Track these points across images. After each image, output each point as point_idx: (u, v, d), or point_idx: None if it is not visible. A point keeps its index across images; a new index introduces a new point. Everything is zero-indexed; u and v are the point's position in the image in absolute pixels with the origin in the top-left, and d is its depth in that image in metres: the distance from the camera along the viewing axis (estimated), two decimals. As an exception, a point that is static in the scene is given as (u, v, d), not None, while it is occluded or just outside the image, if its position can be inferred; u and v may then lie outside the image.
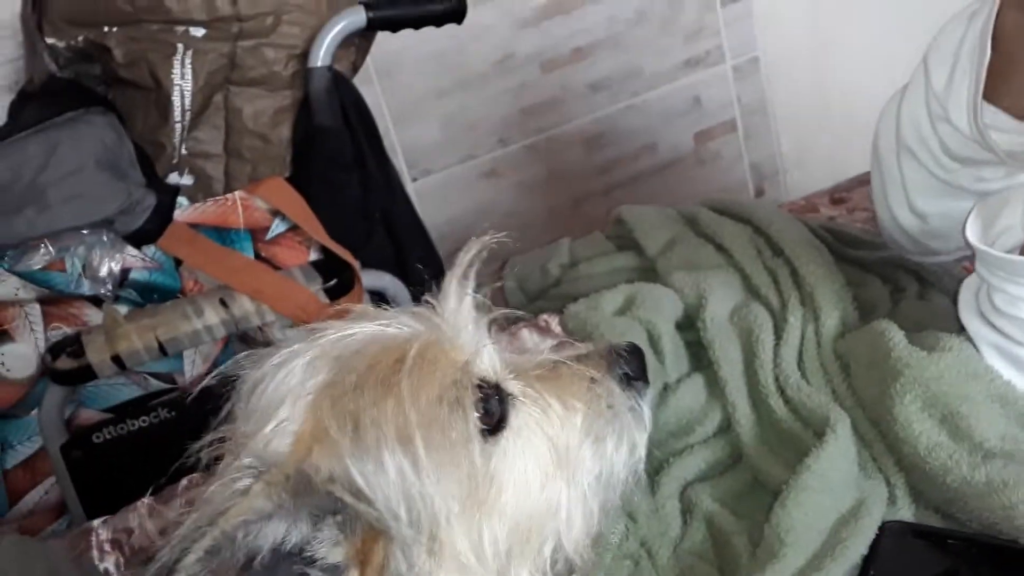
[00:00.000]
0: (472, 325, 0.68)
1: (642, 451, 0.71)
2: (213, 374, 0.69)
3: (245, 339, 1.39)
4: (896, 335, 0.83)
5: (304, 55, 1.34)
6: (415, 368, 0.62)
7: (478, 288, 0.73)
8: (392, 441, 0.59)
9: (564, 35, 1.99)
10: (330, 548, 0.57)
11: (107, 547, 1.15)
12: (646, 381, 0.74)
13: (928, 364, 0.79)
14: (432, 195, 2.01)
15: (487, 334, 0.69)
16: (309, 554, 0.56)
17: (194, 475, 1.01)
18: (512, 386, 0.68)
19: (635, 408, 0.72)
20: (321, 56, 1.32)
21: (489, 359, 0.67)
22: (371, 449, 0.59)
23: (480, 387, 0.64)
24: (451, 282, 0.69)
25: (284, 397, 0.63)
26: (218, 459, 0.64)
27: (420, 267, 0.71)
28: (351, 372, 0.62)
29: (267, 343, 0.96)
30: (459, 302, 0.69)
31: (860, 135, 1.95)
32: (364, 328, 0.66)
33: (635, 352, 0.74)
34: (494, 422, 0.64)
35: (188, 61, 1.32)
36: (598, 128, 2.09)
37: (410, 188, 1.99)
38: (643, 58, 2.07)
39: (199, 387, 0.71)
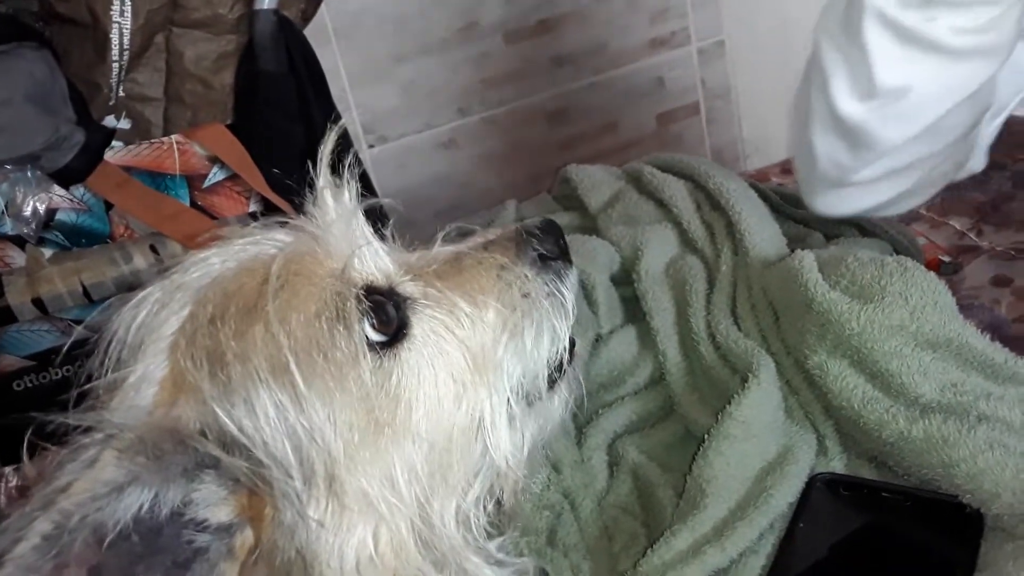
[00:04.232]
0: (343, 224, 0.59)
1: (565, 340, 0.64)
2: (83, 325, 0.62)
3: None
4: (810, 275, 0.79)
5: (250, -2, 1.30)
6: (283, 286, 0.54)
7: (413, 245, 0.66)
8: (264, 374, 0.52)
9: (529, 6, 1.96)
10: (214, 507, 0.49)
11: (15, 493, 1.11)
12: (567, 260, 0.66)
13: (849, 319, 0.75)
14: (388, 163, 1.97)
15: (367, 231, 0.61)
16: (190, 517, 0.48)
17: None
18: (409, 288, 0.60)
19: (554, 293, 0.64)
20: (267, -2, 1.27)
21: (375, 261, 0.60)
22: (238, 388, 0.52)
23: (369, 295, 0.57)
24: (320, 182, 0.60)
25: (141, 342, 0.55)
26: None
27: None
28: (207, 304, 0.55)
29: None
30: (331, 203, 0.60)
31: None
32: (223, 251, 0.58)
33: (549, 229, 0.65)
34: (392, 330, 0.57)
35: (128, -3, 1.27)
36: (560, 104, 2.06)
37: (365, 155, 1.95)
38: (608, 35, 2.04)
39: (69, 341, 0.62)
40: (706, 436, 0.75)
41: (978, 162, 0.95)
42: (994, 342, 0.76)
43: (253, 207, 1.35)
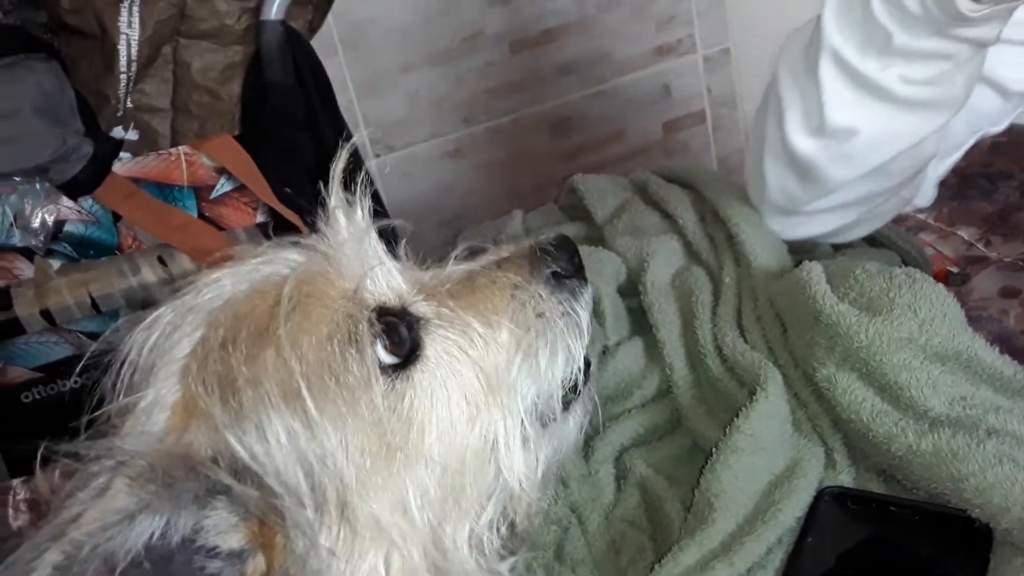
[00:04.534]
0: (356, 244, 0.59)
1: (579, 360, 0.63)
2: (100, 340, 0.61)
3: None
4: (818, 286, 0.79)
5: (257, 9, 1.30)
6: (295, 309, 0.53)
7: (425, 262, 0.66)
8: (276, 399, 0.51)
9: (534, 15, 1.96)
10: (225, 534, 0.49)
11: (23, 507, 1.11)
12: (581, 278, 0.65)
13: (857, 332, 0.75)
14: (393, 172, 1.97)
15: (380, 251, 0.61)
16: (201, 544, 0.48)
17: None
18: (422, 308, 0.59)
19: (568, 313, 0.63)
20: (274, 9, 1.27)
21: (387, 280, 0.59)
22: (249, 414, 0.51)
23: (381, 316, 0.56)
24: (332, 201, 0.60)
25: (153, 366, 0.55)
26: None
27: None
28: (218, 327, 0.54)
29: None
30: (343, 222, 0.59)
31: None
32: (235, 272, 0.57)
33: (564, 246, 0.65)
34: (405, 352, 0.56)
35: (136, 9, 1.27)
36: (565, 112, 2.06)
37: (371, 164, 1.95)
38: (613, 43, 2.04)
39: (85, 357, 0.60)
40: (714, 449, 0.75)
41: (925, 197, 0.96)
42: (1003, 355, 0.76)
43: (260, 218, 1.35)
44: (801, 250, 0.95)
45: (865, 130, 0.80)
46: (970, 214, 1.09)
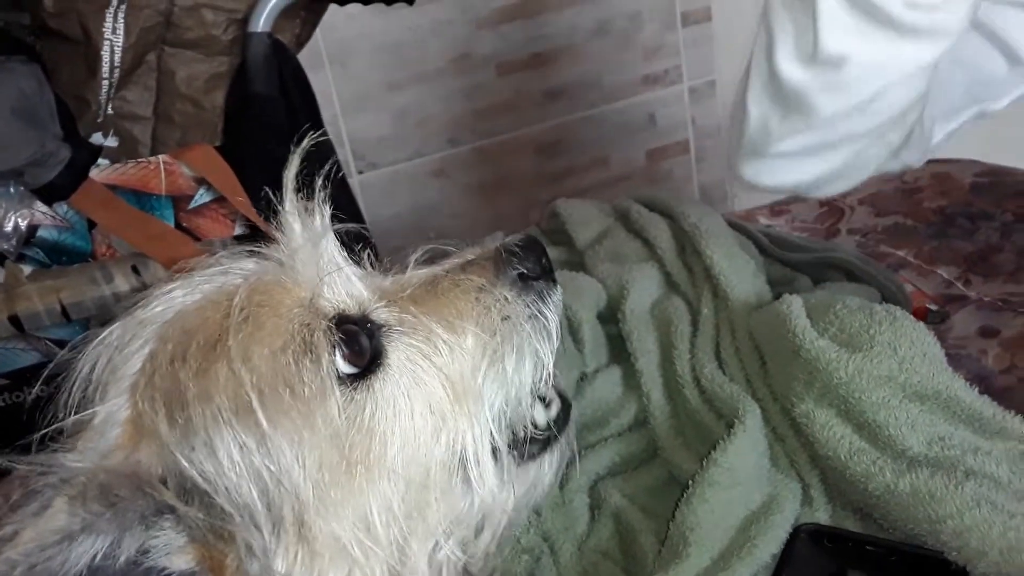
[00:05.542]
0: (311, 250, 0.56)
1: (549, 363, 0.60)
2: (62, 352, 0.58)
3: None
4: (798, 321, 0.78)
5: (245, 21, 1.29)
6: (247, 319, 0.51)
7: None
8: (227, 414, 0.49)
9: (523, 39, 1.97)
10: (173, 555, 0.48)
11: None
12: (550, 280, 0.62)
13: (836, 368, 0.74)
14: (377, 190, 1.97)
15: (338, 257, 0.58)
16: (149, 565, 0.47)
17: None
18: (383, 315, 0.57)
19: (536, 315, 0.60)
20: (261, 21, 1.26)
21: (346, 287, 0.57)
22: (198, 430, 0.49)
23: (340, 325, 0.54)
24: (285, 207, 0.57)
25: (105, 382, 0.53)
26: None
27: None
28: (168, 341, 0.52)
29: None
30: (297, 229, 0.57)
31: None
32: (186, 284, 0.55)
33: (531, 246, 0.62)
34: (366, 361, 0.54)
35: (121, 15, 1.26)
36: (551, 136, 2.07)
37: (355, 181, 1.95)
38: (602, 70, 2.06)
39: (47, 370, 0.58)
40: (690, 482, 0.74)
41: (915, 157, 0.92)
42: (982, 395, 0.75)
43: (239, 230, 1.33)
44: (781, 283, 0.95)
45: (858, 58, 0.76)
46: (950, 253, 1.09)
